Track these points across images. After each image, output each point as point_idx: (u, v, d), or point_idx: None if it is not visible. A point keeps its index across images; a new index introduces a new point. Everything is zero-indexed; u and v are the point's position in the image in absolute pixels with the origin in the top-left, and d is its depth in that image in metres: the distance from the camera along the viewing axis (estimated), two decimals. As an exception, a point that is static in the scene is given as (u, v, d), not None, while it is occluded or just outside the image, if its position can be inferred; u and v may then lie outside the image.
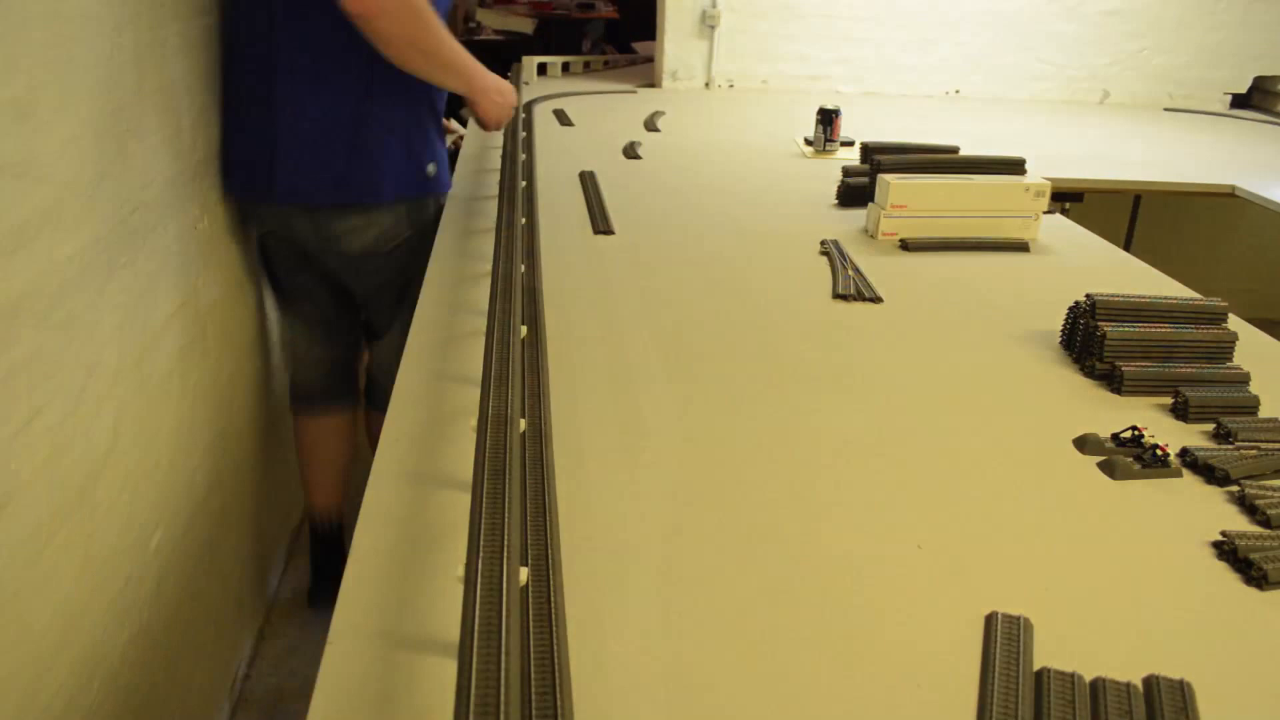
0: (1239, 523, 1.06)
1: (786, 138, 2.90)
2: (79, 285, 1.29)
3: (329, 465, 2.23)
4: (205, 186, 1.80)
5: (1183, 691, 0.80)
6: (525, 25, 4.24)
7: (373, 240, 1.95)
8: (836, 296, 1.66)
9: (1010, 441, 1.22)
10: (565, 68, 3.91)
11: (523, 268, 1.51)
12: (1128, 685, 0.81)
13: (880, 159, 2.06)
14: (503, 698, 0.62)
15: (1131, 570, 0.98)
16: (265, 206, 1.93)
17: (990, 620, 0.88)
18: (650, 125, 2.58)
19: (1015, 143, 2.91)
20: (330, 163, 1.83)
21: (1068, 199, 2.76)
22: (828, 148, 2.72)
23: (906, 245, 1.93)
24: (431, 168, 1.97)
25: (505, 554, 0.75)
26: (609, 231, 1.95)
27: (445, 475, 1.06)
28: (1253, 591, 0.95)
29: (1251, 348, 1.48)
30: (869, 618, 0.89)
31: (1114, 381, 1.36)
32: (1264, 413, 1.29)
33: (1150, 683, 0.81)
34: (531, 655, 0.78)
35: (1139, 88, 3.80)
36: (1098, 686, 0.81)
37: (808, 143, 2.80)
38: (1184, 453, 1.18)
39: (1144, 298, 1.44)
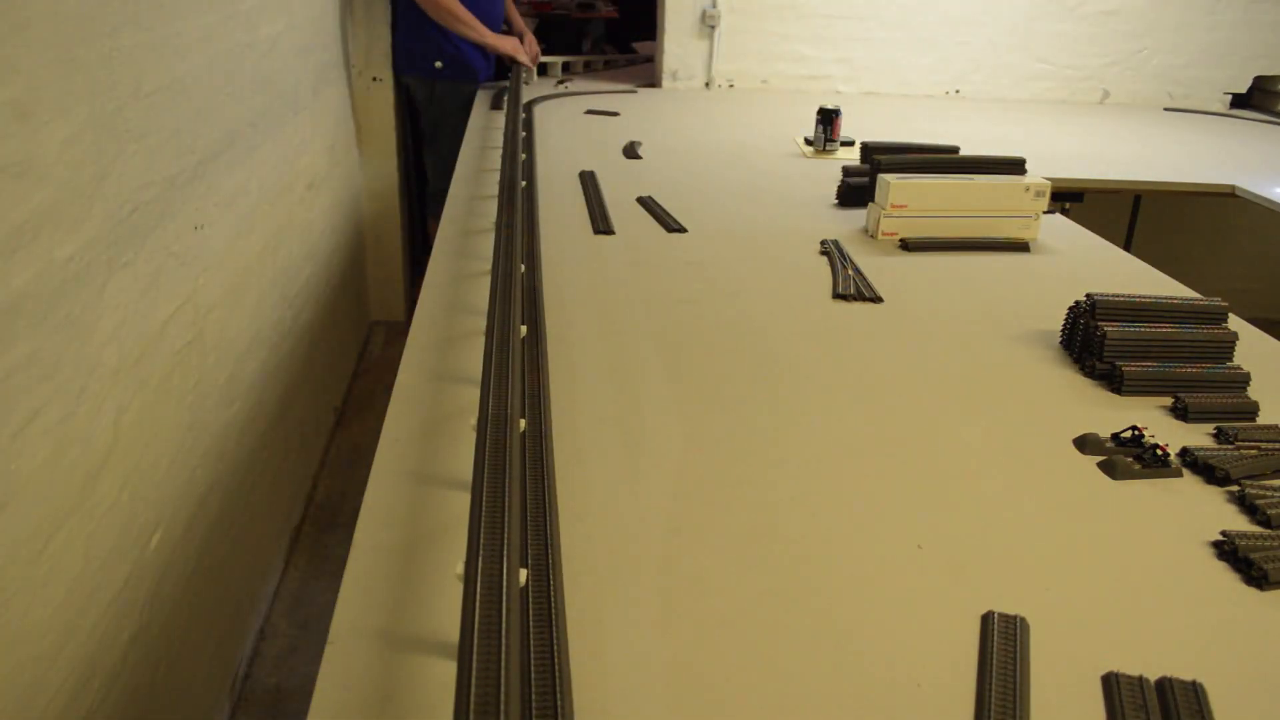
0: (1239, 523, 1.06)
1: (786, 138, 2.90)
2: (79, 285, 1.29)
3: None
4: (205, 187, 1.80)
5: (1196, 693, 0.80)
6: (525, 26, 4.25)
7: (419, 96, 3.43)
8: (836, 296, 1.66)
9: (1010, 441, 1.22)
10: (565, 67, 3.91)
11: (523, 268, 1.51)
12: (1140, 679, 0.82)
13: (880, 159, 2.06)
14: (503, 697, 0.62)
15: (1131, 570, 0.98)
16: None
17: (986, 620, 0.88)
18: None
19: (1015, 143, 2.91)
20: (401, 44, 3.39)
21: (1068, 199, 2.76)
22: (828, 148, 2.72)
23: (906, 245, 1.93)
24: (438, 64, 3.30)
25: (505, 554, 0.75)
26: (609, 231, 1.94)
27: (445, 475, 1.06)
28: (1253, 591, 0.95)
29: (1251, 348, 1.48)
30: (869, 617, 0.89)
31: (1114, 381, 1.36)
32: (1264, 416, 1.29)
33: (1164, 684, 0.81)
34: (531, 655, 0.78)
35: (1139, 88, 3.79)
36: (1110, 681, 0.81)
37: (808, 143, 2.80)
38: (1184, 452, 1.18)
39: (1144, 298, 1.44)
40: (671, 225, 1.99)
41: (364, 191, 3.58)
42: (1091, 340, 1.40)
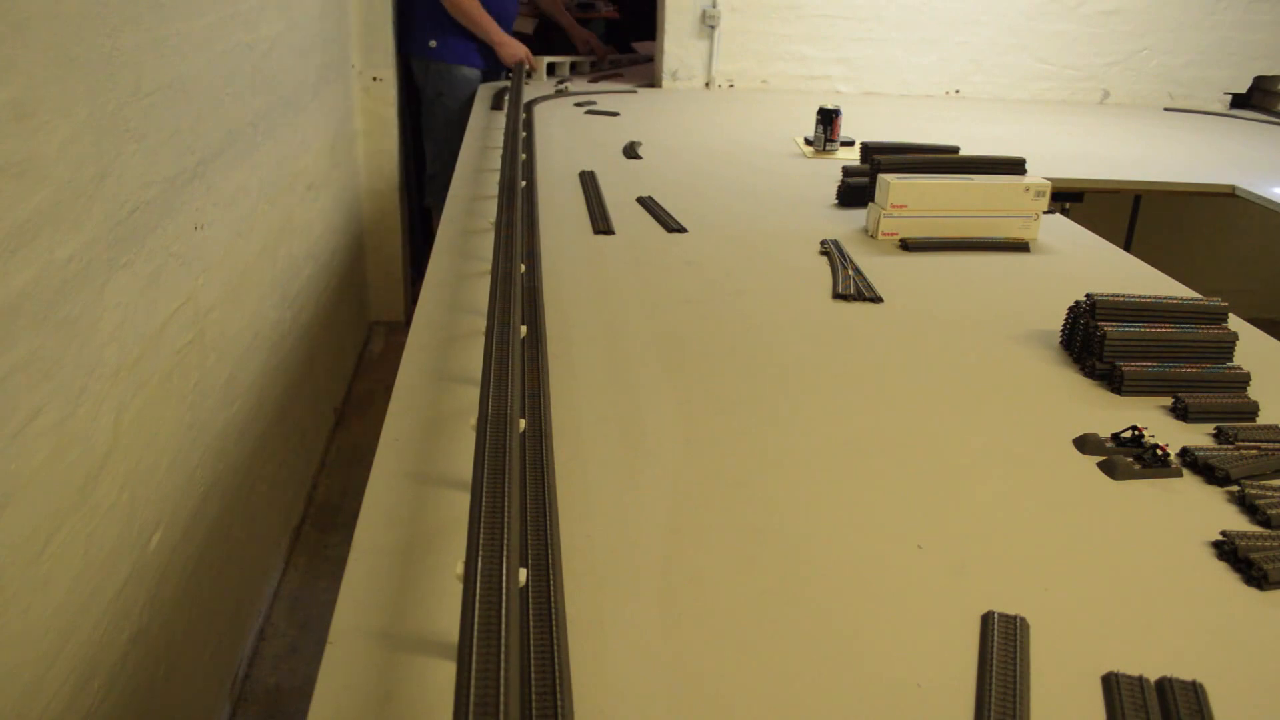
0: (1239, 523, 1.06)
1: (786, 138, 2.90)
2: (79, 285, 1.29)
3: None
4: (205, 186, 1.80)
5: (1196, 693, 0.80)
6: (525, 25, 4.24)
7: (419, 77, 3.58)
8: (836, 296, 1.66)
9: (1010, 441, 1.22)
10: (573, 68, 3.93)
11: (523, 268, 1.51)
12: (1140, 679, 0.82)
13: (880, 159, 2.05)
14: (502, 697, 0.62)
15: (1131, 570, 0.98)
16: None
17: (987, 620, 0.88)
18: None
19: (1015, 143, 2.91)
20: (403, 21, 3.51)
21: (1068, 199, 2.76)
22: (828, 148, 2.72)
23: (906, 245, 1.93)
24: (432, 43, 3.47)
25: (505, 554, 0.75)
26: (609, 231, 1.94)
27: (445, 475, 1.06)
28: (1253, 591, 0.95)
29: (1251, 348, 1.48)
30: (869, 617, 0.89)
31: (1114, 381, 1.36)
32: (1264, 416, 1.29)
33: (1164, 684, 0.81)
34: (531, 655, 0.78)
35: (1139, 88, 3.79)
36: (1110, 681, 0.81)
37: (808, 143, 2.80)
38: (1184, 452, 1.18)
39: (1144, 298, 1.44)
40: (671, 225, 1.99)
41: (364, 191, 3.58)
42: (1091, 340, 1.40)
